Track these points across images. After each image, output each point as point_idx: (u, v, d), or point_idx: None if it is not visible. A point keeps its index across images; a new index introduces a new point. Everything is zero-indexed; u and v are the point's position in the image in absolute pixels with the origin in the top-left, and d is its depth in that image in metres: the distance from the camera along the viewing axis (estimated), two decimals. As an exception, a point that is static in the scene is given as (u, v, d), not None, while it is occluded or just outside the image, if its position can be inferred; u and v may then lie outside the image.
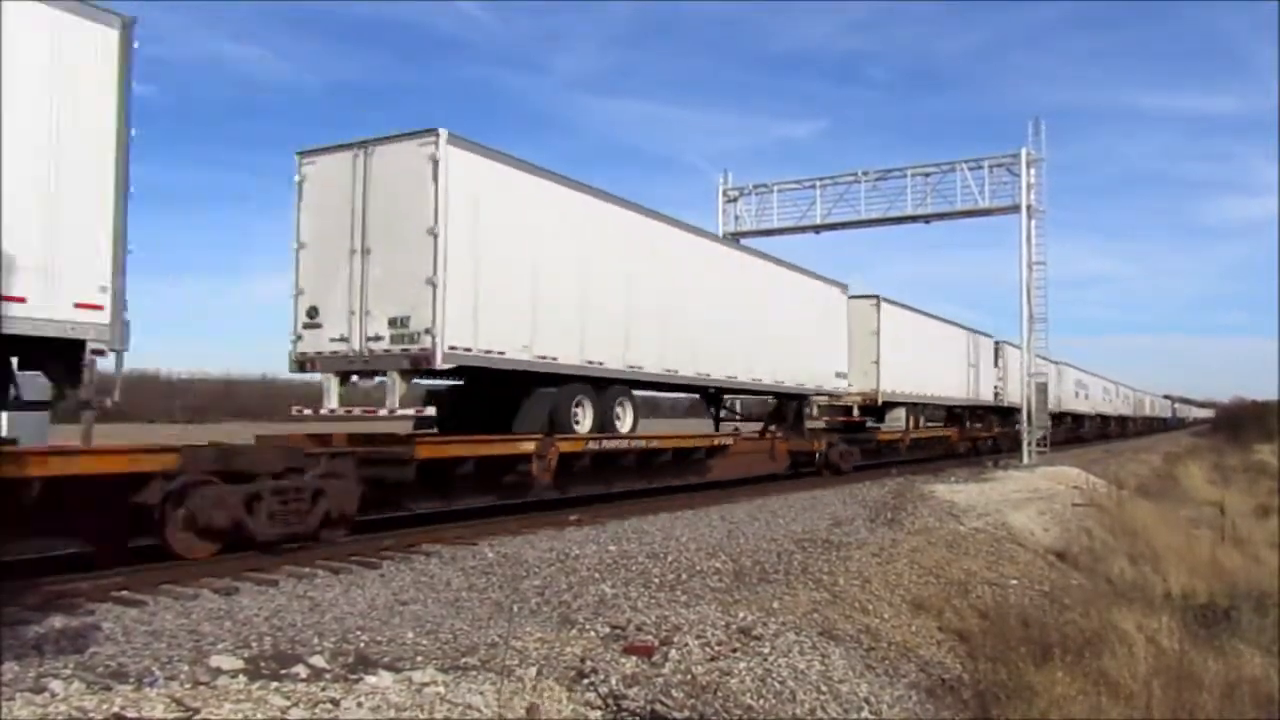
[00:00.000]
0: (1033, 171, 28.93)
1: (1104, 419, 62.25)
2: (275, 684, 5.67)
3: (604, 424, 14.80)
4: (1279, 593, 13.20)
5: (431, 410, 13.67)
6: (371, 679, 5.88)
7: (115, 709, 5.02)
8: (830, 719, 7.18)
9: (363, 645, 6.78)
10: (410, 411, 13.05)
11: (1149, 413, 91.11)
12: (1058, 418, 43.00)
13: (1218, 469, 40.11)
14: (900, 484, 21.05)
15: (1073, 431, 49.67)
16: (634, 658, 6.96)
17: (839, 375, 22.91)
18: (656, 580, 9.83)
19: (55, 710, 4.97)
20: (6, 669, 5.73)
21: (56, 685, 5.44)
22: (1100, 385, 61.53)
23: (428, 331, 11.72)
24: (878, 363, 25.10)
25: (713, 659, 7.21)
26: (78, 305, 8.19)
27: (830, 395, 23.01)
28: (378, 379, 12.42)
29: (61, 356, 8.35)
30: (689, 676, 6.79)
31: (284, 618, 7.44)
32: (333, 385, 12.59)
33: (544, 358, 13.52)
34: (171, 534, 9.15)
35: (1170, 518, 20.98)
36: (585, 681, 6.36)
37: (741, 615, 8.48)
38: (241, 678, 5.79)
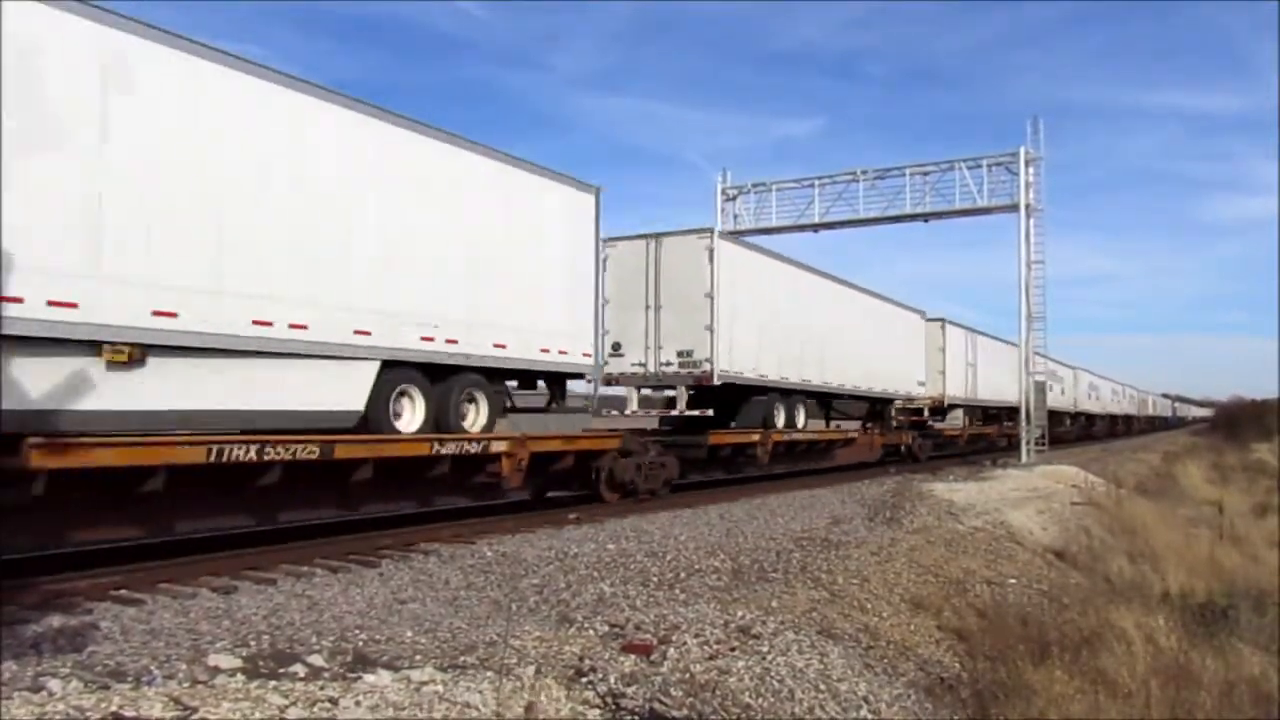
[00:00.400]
0: (1031, 170, 28.92)
1: (1113, 418, 67.77)
2: (273, 683, 5.66)
3: (789, 422, 20.94)
4: (1279, 591, 13.21)
5: (710, 411, 19.04)
6: (370, 678, 5.88)
7: (113, 708, 5.02)
8: (829, 718, 7.18)
9: (361, 644, 6.78)
10: (695, 413, 18.75)
11: (1152, 412, 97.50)
12: (1074, 417, 51.15)
13: (1216, 468, 40.13)
14: (899, 483, 21.06)
15: (1086, 429, 55.97)
16: (632, 656, 6.96)
17: (920, 383, 28.97)
18: (655, 579, 9.83)
19: (53, 709, 4.96)
20: (5, 668, 5.73)
21: (54, 684, 5.43)
22: (1110, 387, 67.75)
23: (707, 360, 17.74)
24: (943, 372, 31.07)
25: (711, 658, 7.21)
26: (584, 354, 14.63)
27: (910, 399, 28.62)
28: (666, 392, 19.02)
29: (558, 381, 14.85)
30: (687, 675, 6.79)
31: (282, 616, 7.44)
32: (633, 395, 19.24)
33: (762, 376, 19.53)
34: (601, 487, 15.10)
35: (1169, 516, 20.99)
36: (584, 680, 6.36)
37: (740, 614, 8.48)
38: (240, 676, 5.79)
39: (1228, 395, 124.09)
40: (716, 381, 17.69)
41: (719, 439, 18.44)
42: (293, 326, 9.97)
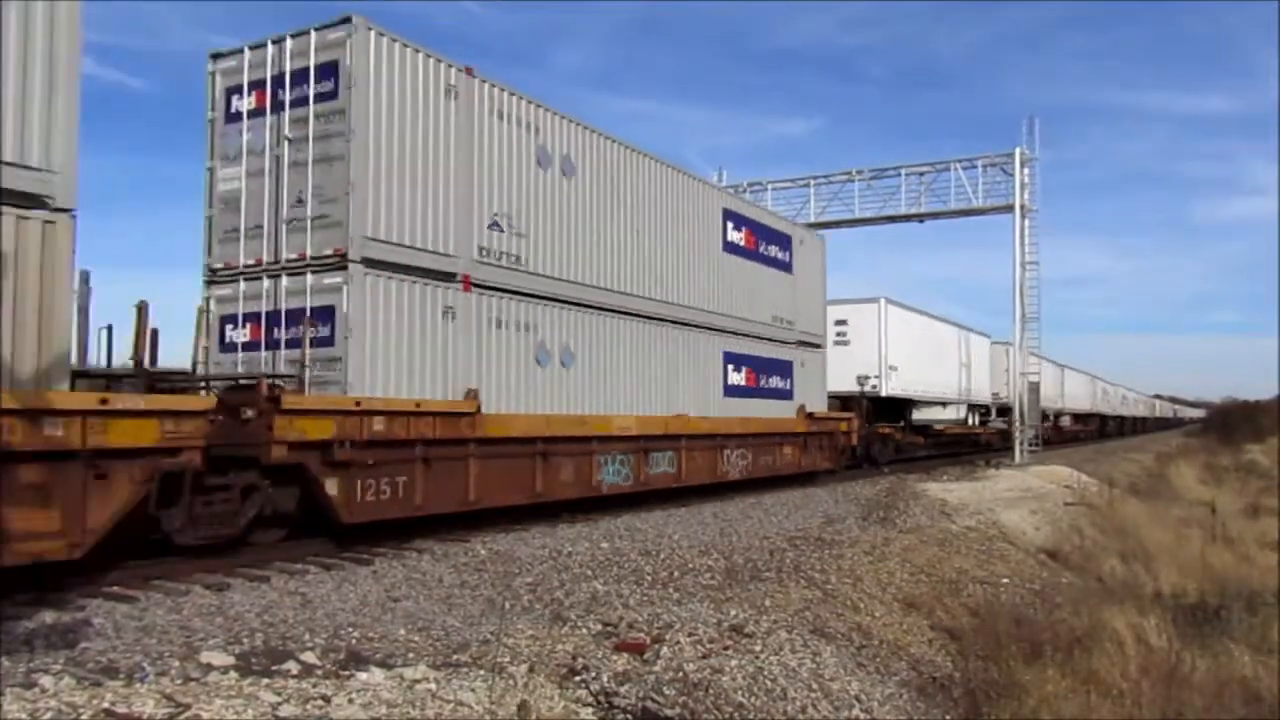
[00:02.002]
0: (1026, 171, 29.02)
1: (1120, 419, 76.50)
2: (266, 680, 5.66)
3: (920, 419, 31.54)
4: (1276, 590, 13.25)
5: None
6: (363, 675, 5.88)
7: (105, 704, 5.01)
8: (821, 717, 7.20)
9: (354, 642, 6.77)
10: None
11: (1157, 414, 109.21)
12: (1090, 417, 60.89)
13: (1209, 468, 40.21)
14: (893, 482, 21.09)
15: (1100, 429, 64.38)
16: (626, 655, 6.97)
17: (994, 393, 38.23)
18: (649, 578, 9.84)
19: (45, 705, 4.96)
20: (-4, 664, 5.72)
21: (47, 680, 5.43)
22: (1120, 392, 78.69)
23: (877, 377, 26.75)
24: (1008, 384, 36.95)
25: (704, 656, 7.22)
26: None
27: (984, 404, 38.11)
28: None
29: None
30: (680, 674, 6.80)
31: (275, 614, 7.43)
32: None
33: (904, 390, 28.29)
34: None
35: (1161, 517, 21.03)
36: (577, 679, 6.36)
37: (733, 613, 8.50)
38: (232, 674, 5.79)
39: (1221, 396, 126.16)
40: (886, 394, 27.05)
41: (880, 429, 27.47)
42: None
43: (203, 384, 10.45)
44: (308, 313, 10.35)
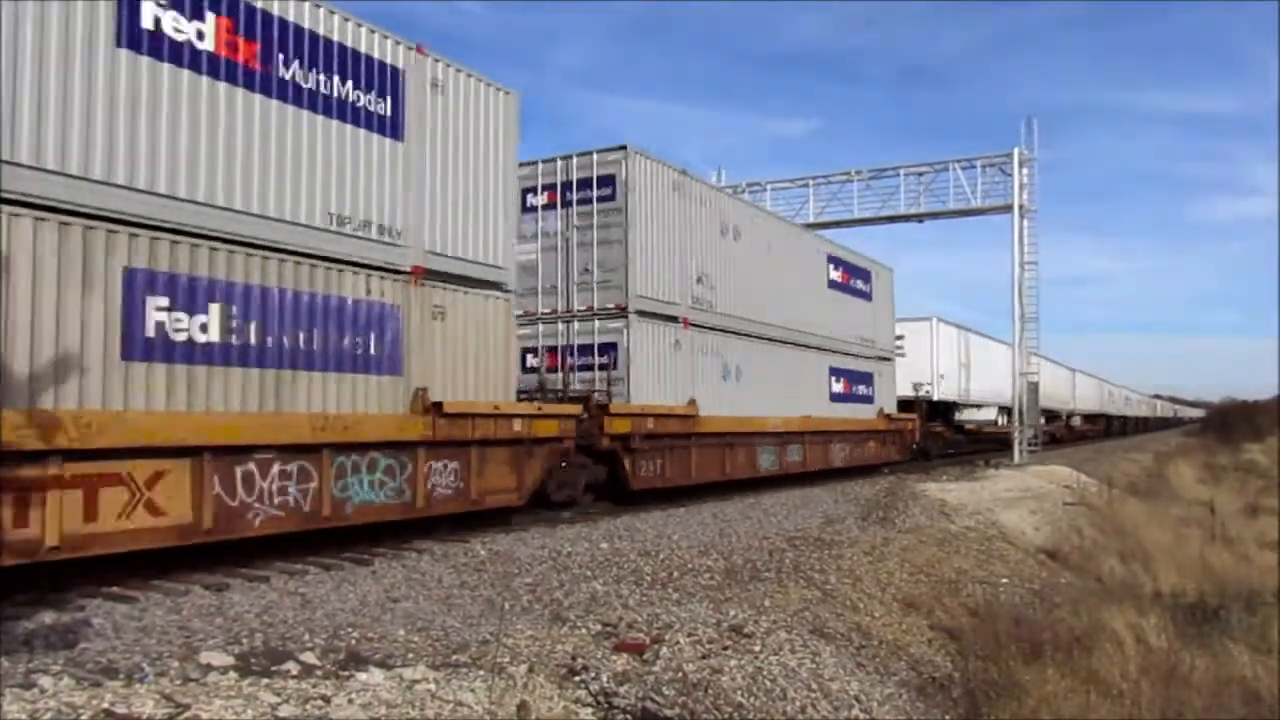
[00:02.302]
0: (1025, 171, 29.05)
1: (1125, 419, 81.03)
2: (266, 681, 5.66)
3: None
4: (1275, 590, 13.26)
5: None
6: (362, 676, 5.88)
7: (104, 705, 5.01)
8: (821, 717, 7.20)
9: (354, 642, 6.77)
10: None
11: (1158, 414, 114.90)
12: (1099, 417, 65.46)
13: (1208, 468, 40.23)
14: (892, 482, 21.10)
15: (1107, 428, 69.11)
16: (625, 655, 6.97)
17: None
18: (648, 578, 9.84)
19: (44, 706, 4.95)
20: (-4, 665, 5.72)
21: (46, 681, 5.42)
22: (1124, 394, 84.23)
23: (929, 384, 30.32)
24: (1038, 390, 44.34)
25: (704, 657, 7.22)
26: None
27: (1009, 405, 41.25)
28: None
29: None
30: (680, 674, 6.80)
31: (275, 614, 7.43)
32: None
33: (959, 394, 33.17)
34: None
35: (1160, 517, 21.04)
36: (576, 679, 6.36)
37: (733, 613, 8.50)
38: (232, 674, 5.78)
39: (1220, 395, 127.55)
40: (935, 398, 31.10)
41: (932, 428, 31.52)
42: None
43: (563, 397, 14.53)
44: (595, 348, 15.30)
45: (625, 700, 6.21)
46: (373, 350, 10.42)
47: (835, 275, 23.31)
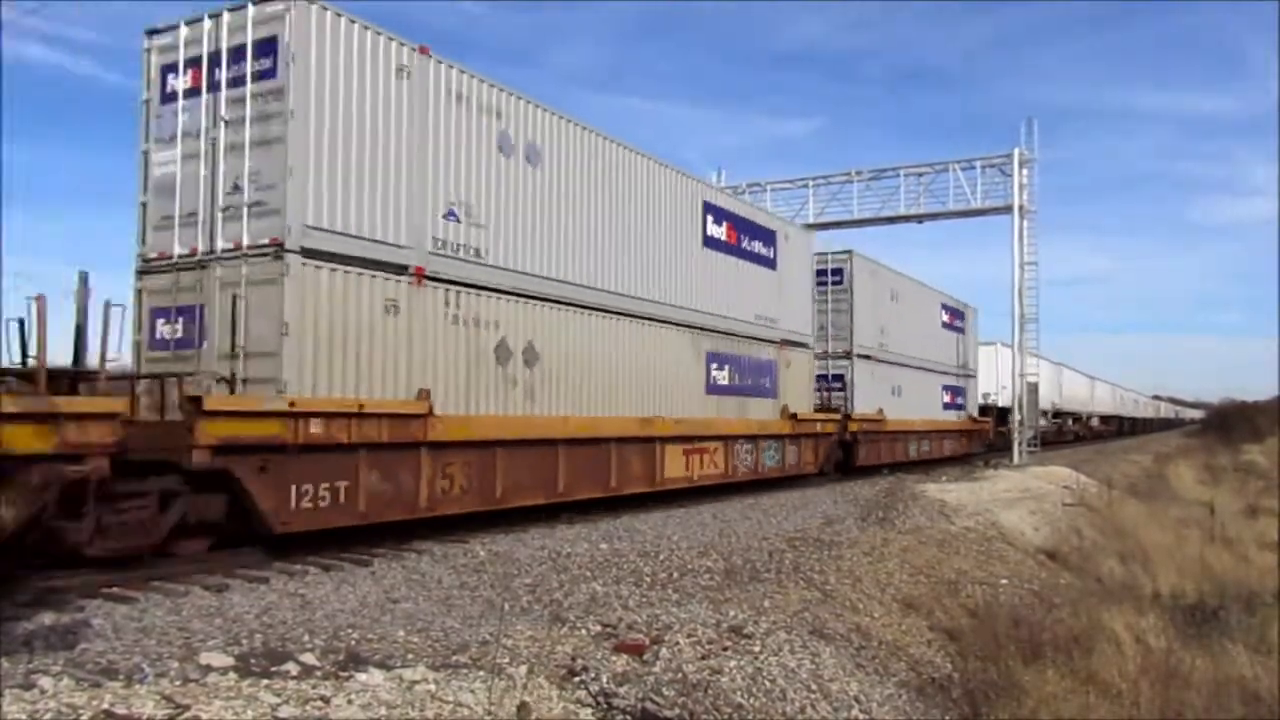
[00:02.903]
0: (1025, 172, 29.05)
1: (1134, 420, 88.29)
2: (265, 681, 5.66)
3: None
4: (1275, 591, 13.25)
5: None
6: (362, 676, 5.88)
7: (104, 706, 5.01)
8: (820, 717, 7.20)
9: (353, 643, 6.77)
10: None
11: (1162, 415, 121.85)
12: (1112, 419, 72.78)
13: (1208, 469, 40.24)
14: (892, 483, 21.10)
15: (1122, 428, 77.16)
16: (625, 656, 6.97)
17: (1051, 402, 48.00)
18: (648, 579, 9.84)
19: (44, 706, 4.96)
20: (-4, 666, 5.72)
21: (46, 682, 5.42)
22: (1134, 398, 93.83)
23: (995, 394, 37.78)
24: (1060, 394, 51.74)
25: (703, 657, 7.22)
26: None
27: (1045, 409, 45.72)
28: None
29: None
30: (680, 675, 6.80)
31: (275, 615, 7.43)
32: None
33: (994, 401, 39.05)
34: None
35: (1160, 517, 21.05)
36: (576, 679, 6.37)
37: (732, 614, 8.50)
38: (232, 675, 5.78)
39: (1219, 397, 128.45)
40: (1000, 405, 36.59)
41: (999, 429, 36.26)
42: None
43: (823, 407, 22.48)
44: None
45: (625, 701, 6.22)
46: (766, 385, 19.38)
47: (944, 318, 31.00)
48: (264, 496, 9.22)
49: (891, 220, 30.63)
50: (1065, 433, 53.73)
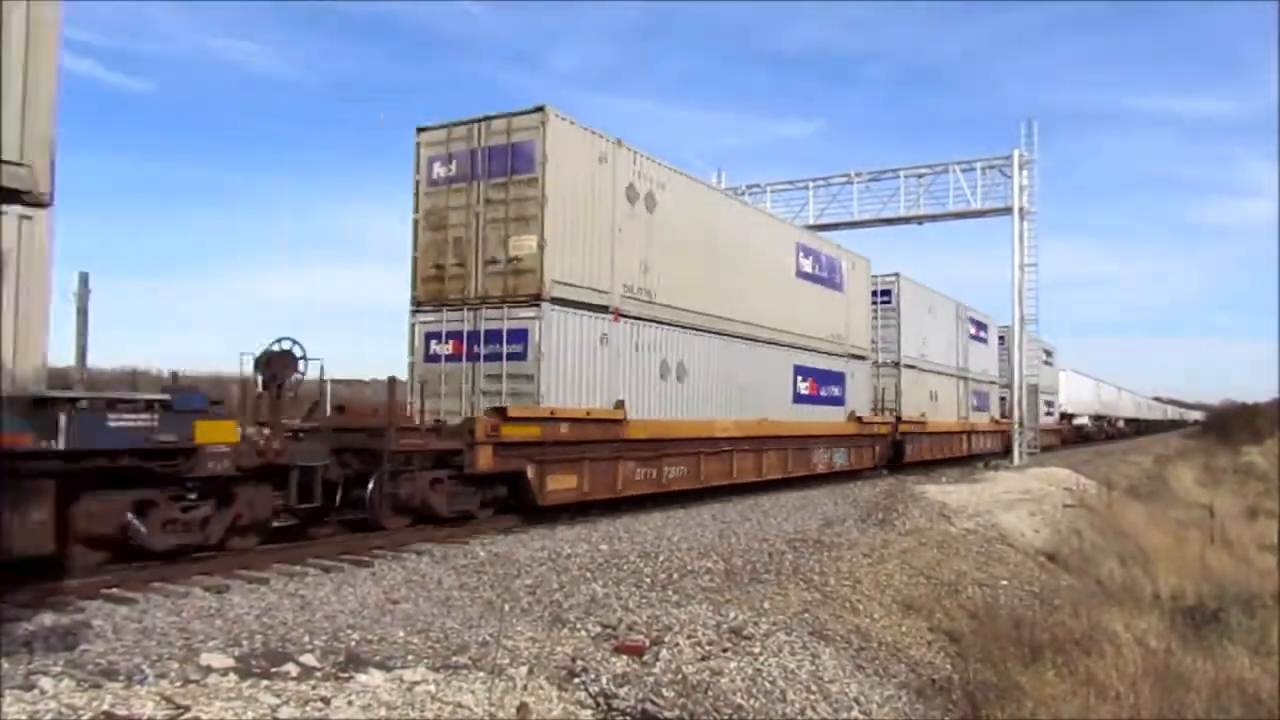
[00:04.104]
0: (1025, 173, 29.05)
1: (1148, 422, 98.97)
2: (266, 682, 5.66)
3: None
4: (1275, 592, 13.24)
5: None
6: (362, 677, 5.88)
7: (105, 706, 5.01)
8: (820, 719, 7.20)
9: (354, 644, 6.78)
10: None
11: (1169, 417, 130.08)
12: (1131, 420, 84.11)
13: (1207, 470, 40.26)
14: (892, 485, 21.10)
15: (1138, 429, 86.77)
16: (625, 657, 6.97)
17: (1093, 411, 63.42)
18: (648, 580, 9.84)
19: (45, 707, 4.96)
20: (-4, 666, 5.72)
21: (46, 682, 5.43)
22: (1146, 401, 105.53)
23: (1065, 404, 57.80)
24: (1100, 402, 67.56)
25: (703, 658, 7.22)
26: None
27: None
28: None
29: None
30: (680, 676, 6.80)
31: (275, 616, 7.44)
32: None
33: (1078, 409, 60.32)
34: None
35: (1160, 519, 21.05)
36: (576, 680, 6.37)
37: (732, 615, 8.49)
38: (232, 676, 5.79)
39: (1219, 398, 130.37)
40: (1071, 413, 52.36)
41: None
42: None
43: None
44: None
45: (625, 702, 6.22)
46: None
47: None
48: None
49: (891, 222, 30.62)
50: (1101, 432, 67.20)
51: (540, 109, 13.26)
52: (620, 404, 14.50)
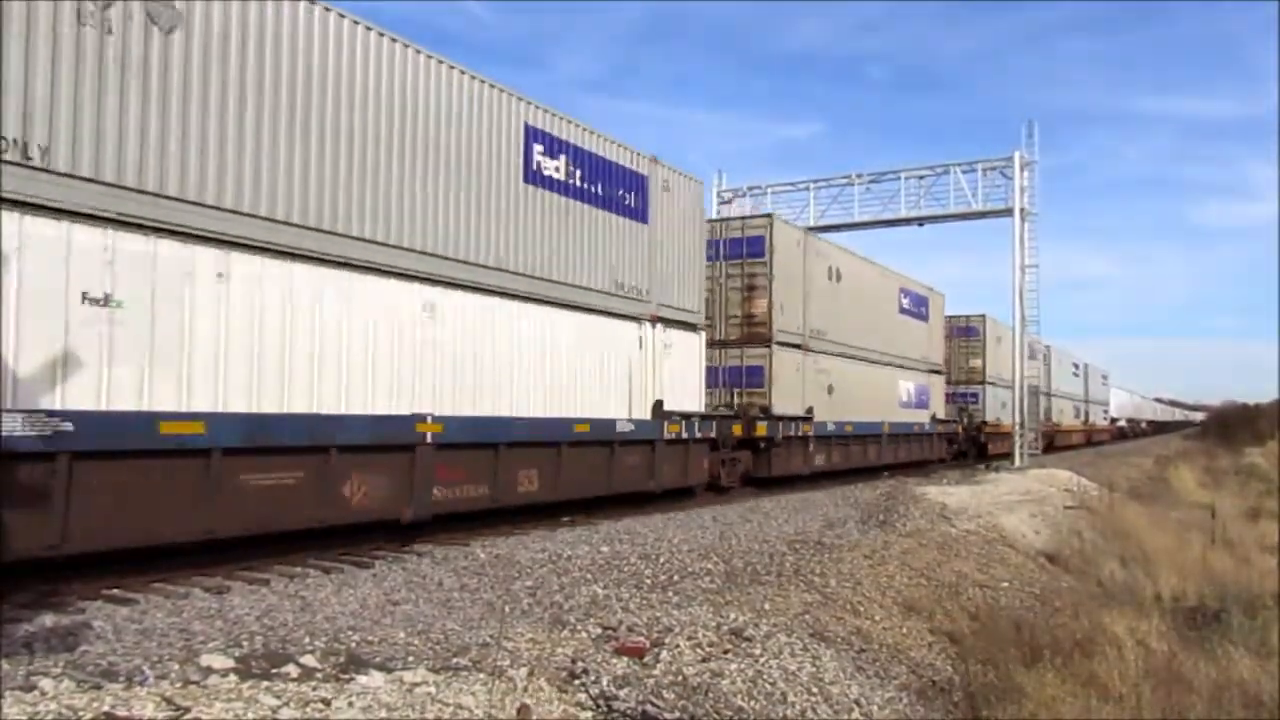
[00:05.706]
0: (1025, 174, 29.06)
1: (1163, 424, 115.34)
2: (266, 683, 5.66)
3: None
4: (1276, 594, 13.22)
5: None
6: (363, 679, 5.88)
7: (105, 707, 5.01)
8: (821, 720, 7.19)
9: (354, 645, 6.77)
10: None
11: (1178, 419, 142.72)
12: (1152, 423, 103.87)
13: (1208, 471, 40.18)
14: (892, 486, 21.08)
15: (1153, 429, 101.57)
16: (625, 658, 6.97)
17: (1117, 412, 77.20)
18: (648, 581, 9.83)
19: (45, 708, 4.96)
20: (-4, 667, 5.72)
21: (46, 683, 5.42)
22: (1154, 405, 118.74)
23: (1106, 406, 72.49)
24: (1134, 406, 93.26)
25: (704, 660, 7.22)
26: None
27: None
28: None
29: None
30: (680, 677, 6.80)
31: (275, 617, 7.44)
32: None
33: (1120, 412, 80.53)
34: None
35: (1161, 520, 21.01)
36: (576, 682, 6.36)
37: (733, 616, 8.49)
38: (232, 677, 5.78)
39: (1220, 399, 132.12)
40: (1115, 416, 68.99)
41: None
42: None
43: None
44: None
45: (625, 704, 6.21)
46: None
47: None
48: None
49: (892, 223, 30.64)
50: (1133, 430, 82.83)
51: (769, 216, 21.35)
52: (810, 410, 21.56)
